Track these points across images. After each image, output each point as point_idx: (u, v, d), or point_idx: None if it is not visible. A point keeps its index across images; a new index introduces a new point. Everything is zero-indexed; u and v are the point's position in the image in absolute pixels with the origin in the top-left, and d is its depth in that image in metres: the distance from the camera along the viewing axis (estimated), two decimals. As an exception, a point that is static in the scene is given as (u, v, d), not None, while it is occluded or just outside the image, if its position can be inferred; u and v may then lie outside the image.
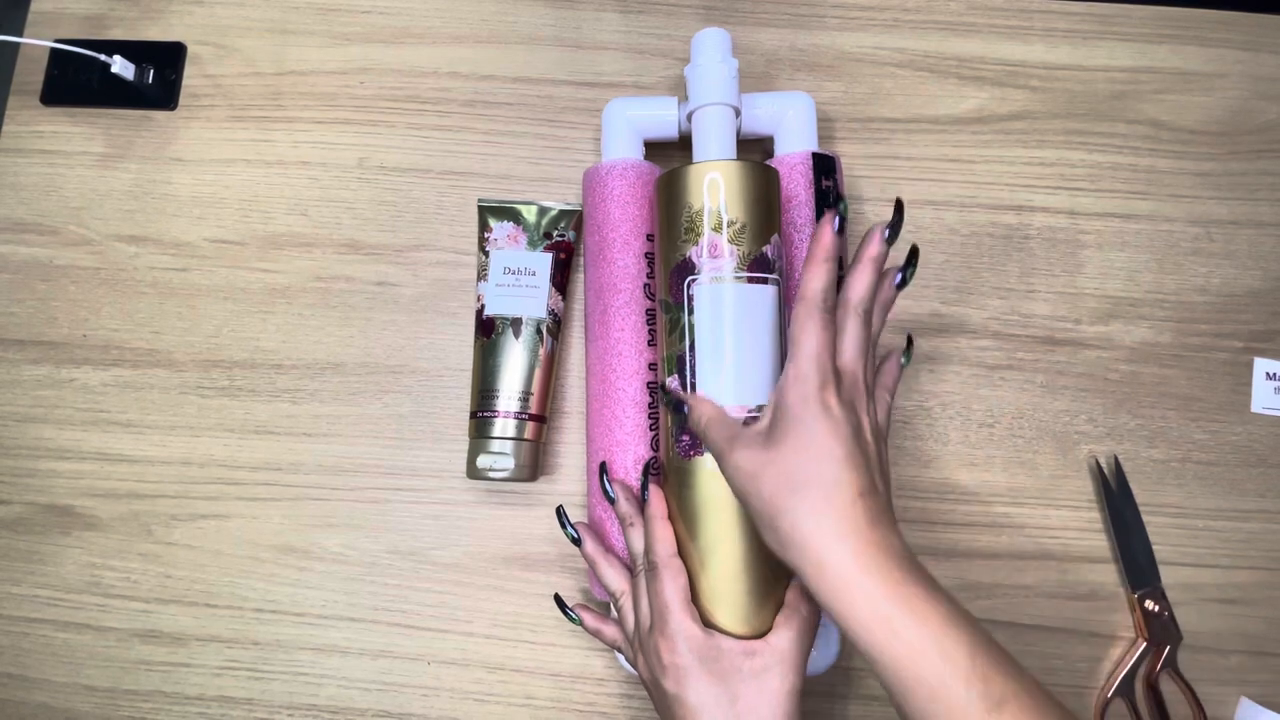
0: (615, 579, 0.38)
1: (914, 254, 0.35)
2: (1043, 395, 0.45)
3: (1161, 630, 0.42)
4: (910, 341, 0.38)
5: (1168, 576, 0.43)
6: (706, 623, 0.34)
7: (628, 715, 0.42)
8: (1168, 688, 0.42)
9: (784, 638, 0.33)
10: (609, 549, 0.39)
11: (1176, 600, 0.43)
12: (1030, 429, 0.45)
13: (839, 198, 0.33)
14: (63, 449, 0.45)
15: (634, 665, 0.36)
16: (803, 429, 0.30)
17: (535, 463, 0.43)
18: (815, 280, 0.32)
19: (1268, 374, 0.46)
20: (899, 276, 0.35)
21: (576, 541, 0.39)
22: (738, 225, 0.36)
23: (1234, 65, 0.49)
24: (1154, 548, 0.43)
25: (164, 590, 0.44)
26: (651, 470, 0.38)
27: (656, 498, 0.37)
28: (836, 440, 0.29)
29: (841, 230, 0.33)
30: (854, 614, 0.28)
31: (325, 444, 0.45)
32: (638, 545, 0.37)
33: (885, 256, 0.33)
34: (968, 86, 0.49)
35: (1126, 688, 0.42)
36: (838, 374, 0.31)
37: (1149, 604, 0.42)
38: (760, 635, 0.34)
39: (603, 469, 0.40)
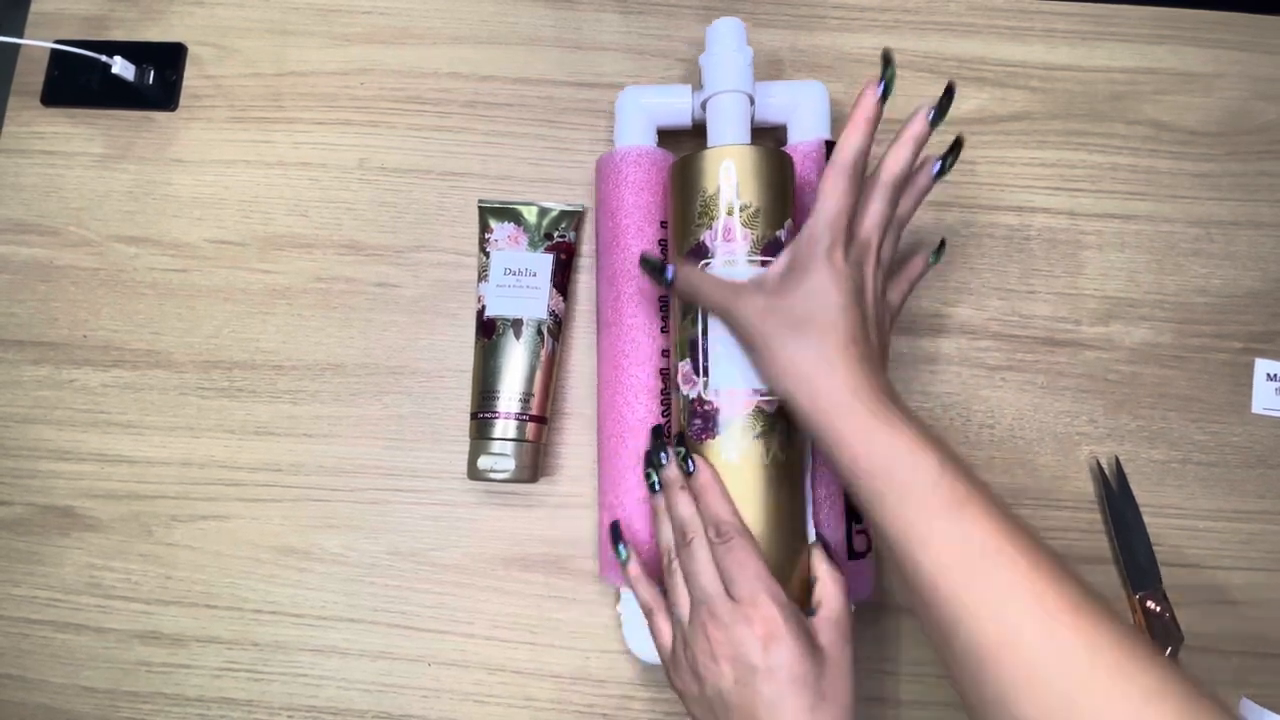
0: (650, 597, 0.37)
1: (958, 144, 0.36)
2: (1043, 396, 0.45)
3: (1163, 631, 0.42)
4: (943, 243, 0.39)
5: (1169, 577, 0.43)
6: None
7: (628, 717, 0.42)
8: (1168, 688, 0.42)
9: (831, 608, 0.33)
10: (647, 569, 0.38)
11: (1178, 601, 0.43)
12: (1031, 430, 0.45)
13: (887, 71, 0.34)
14: (63, 450, 0.45)
15: (664, 639, 0.35)
16: (807, 277, 0.32)
17: (536, 464, 0.43)
18: (849, 144, 0.33)
19: (1268, 375, 0.46)
20: (937, 165, 0.36)
21: (624, 562, 0.38)
22: (752, 209, 0.36)
23: (1233, 66, 0.49)
24: (1155, 548, 0.43)
25: (164, 591, 0.44)
26: (667, 439, 0.38)
27: (705, 467, 0.35)
28: (836, 289, 0.32)
29: (885, 98, 0.33)
30: (839, 430, 0.30)
31: (325, 445, 0.45)
32: (687, 512, 0.35)
33: (927, 137, 0.34)
34: (968, 87, 0.49)
35: (1127, 688, 0.42)
36: (850, 237, 0.33)
37: (1150, 605, 0.42)
38: None
39: (657, 431, 0.39)
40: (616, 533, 0.39)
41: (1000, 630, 0.26)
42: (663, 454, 0.37)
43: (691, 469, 0.35)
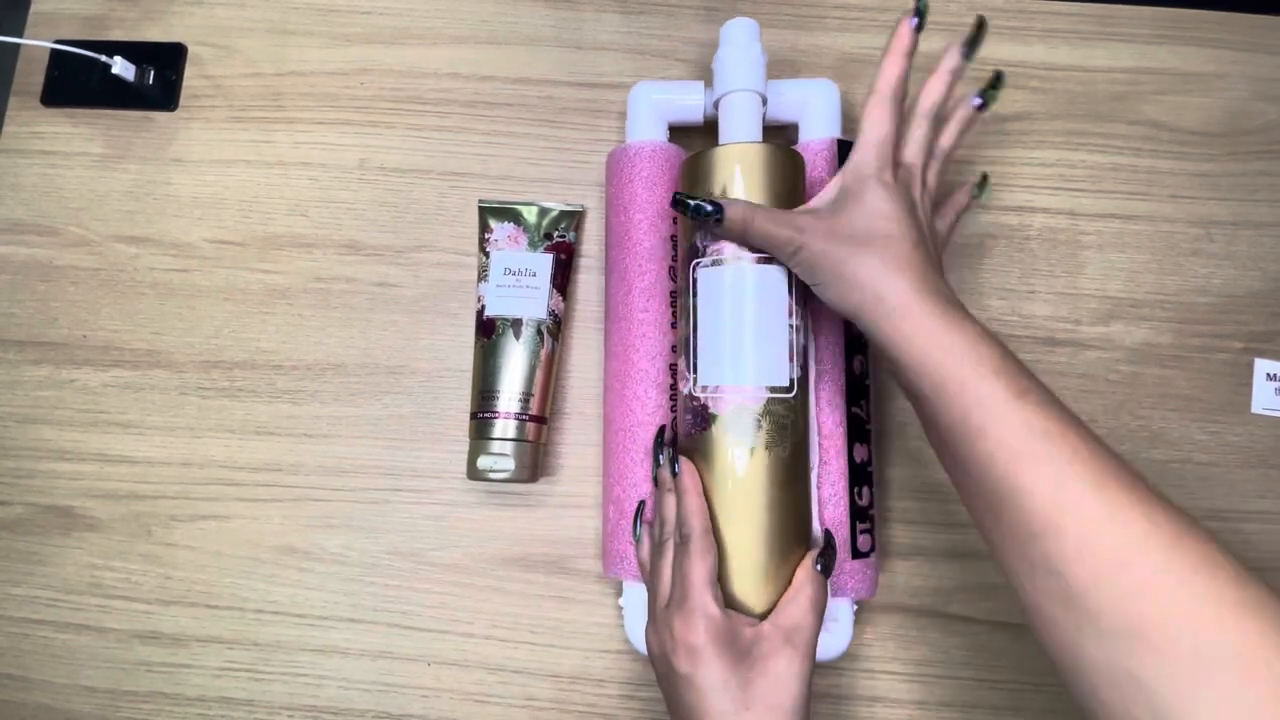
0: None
1: (998, 78, 0.37)
2: (1043, 396, 0.45)
3: (1162, 631, 0.42)
4: (985, 176, 0.40)
5: (1168, 577, 0.43)
6: (727, 603, 0.34)
7: (628, 716, 0.42)
8: (1168, 688, 0.42)
9: (791, 616, 0.33)
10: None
11: (1177, 601, 0.43)
12: (1031, 429, 0.45)
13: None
14: (63, 450, 0.45)
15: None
16: (862, 197, 0.33)
17: (535, 464, 0.43)
18: (888, 73, 0.35)
19: (1268, 375, 0.46)
20: (979, 98, 0.37)
21: (637, 541, 0.39)
22: None
23: (1233, 66, 0.49)
24: (1154, 548, 0.43)
25: (164, 591, 0.44)
26: (665, 440, 0.39)
27: (689, 470, 0.36)
28: (891, 204, 0.33)
29: (920, 27, 0.35)
30: (903, 330, 0.31)
31: (325, 445, 0.45)
32: (668, 513, 0.36)
33: (962, 70, 0.36)
34: (967, 86, 0.49)
35: (1127, 688, 0.42)
36: (896, 162, 0.35)
37: (1149, 604, 0.42)
38: (768, 613, 0.34)
39: (661, 432, 0.40)
40: (640, 512, 0.39)
41: (1057, 504, 0.27)
42: (660, 455, 0.38)
43: (677, 471, 0.36)
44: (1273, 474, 0.45)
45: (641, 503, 0.40)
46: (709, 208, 0.34)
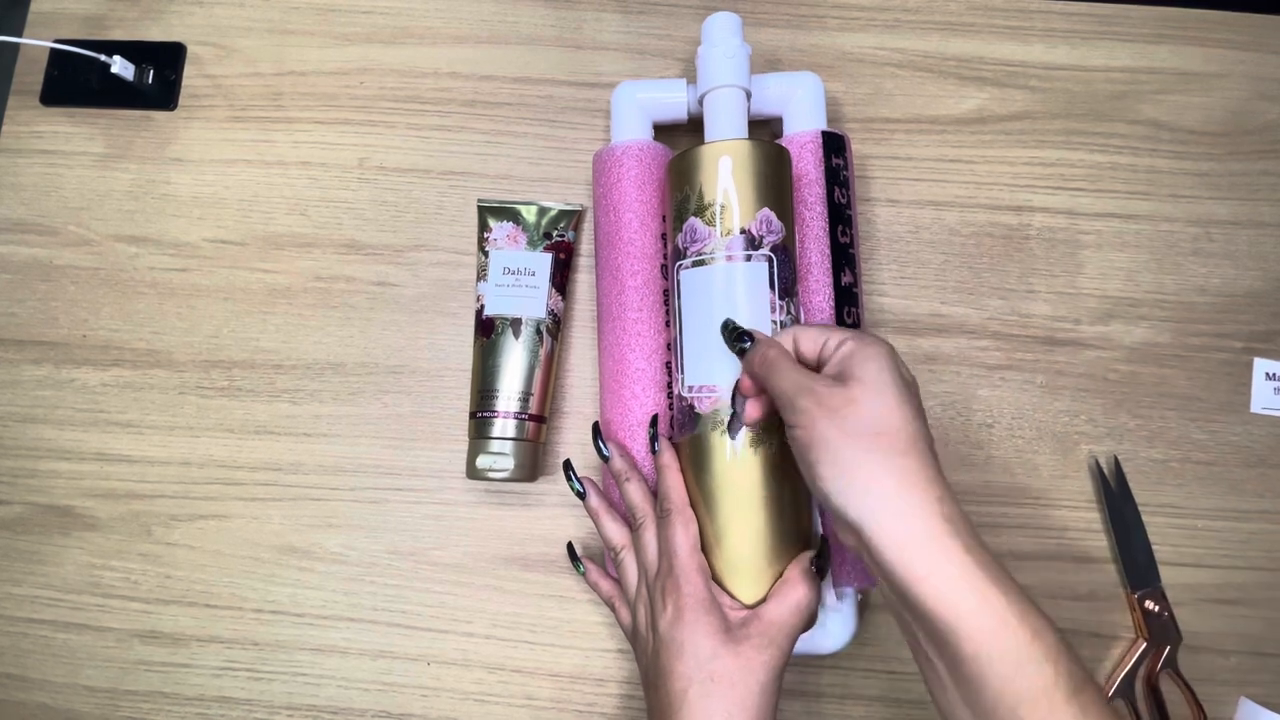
0: (617, 533, 0.39)
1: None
2: (1042, 395, 0.45)
3: (1161, 630, 0.42)
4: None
5: (1167, 577, 0.43)
6: (714, 579, 0.35)
7: (628, 716, 0.42)
8: (1168, 688, 0.42)
9: (774, 611, 0.33)
10: (612, 504, 0.40)
11: (1176, 600, 0.43)
12: (1030, 429, 0.45)
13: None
14: (63, 449, 0.45)
15: (624, 621, 0.38)
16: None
17: (535, 463, 0.43)
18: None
19: (1267, 374, 0.46)
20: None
21: (581, 495, 0.40)
22: (715, 206, 0.36)
23: (1234, 66, 0.49)
24: (1154, 548, 0.43)
25: (164, 591, 0.44)
26: (657, 430, 0.39)
27: (667, 449, 0.38)
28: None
29: None
30: (938, 573, 0.26)
31: (325, 444, 0.45)
32: (636, 498, 0.38)
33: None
34: (968, 86, 0.49)
35: (1126, 688, 0.42)
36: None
37: (1149, 604, 0.42)
38: (756, 607, 0.34)
39: (595, 428, 0.40)
40: (570, 465, 0.41)
41: None
42: (602, 447, 0.40)
43: (657, 450, 0.38)
44: (1272, 473, 0.45)
45: (568, 460, 0.41)
46: (745, 341, 0.34)
